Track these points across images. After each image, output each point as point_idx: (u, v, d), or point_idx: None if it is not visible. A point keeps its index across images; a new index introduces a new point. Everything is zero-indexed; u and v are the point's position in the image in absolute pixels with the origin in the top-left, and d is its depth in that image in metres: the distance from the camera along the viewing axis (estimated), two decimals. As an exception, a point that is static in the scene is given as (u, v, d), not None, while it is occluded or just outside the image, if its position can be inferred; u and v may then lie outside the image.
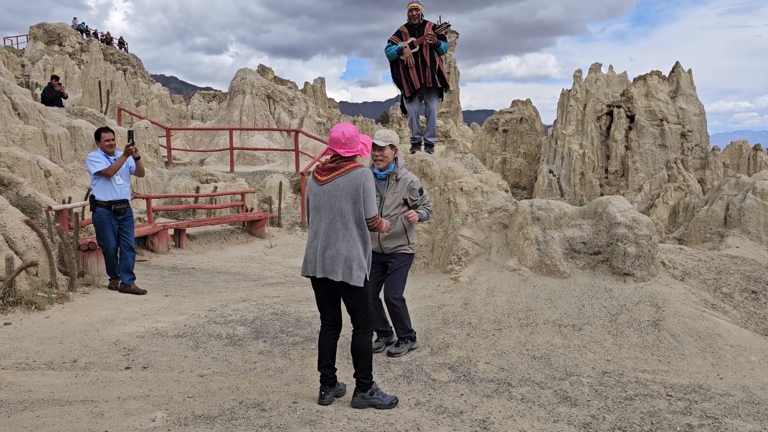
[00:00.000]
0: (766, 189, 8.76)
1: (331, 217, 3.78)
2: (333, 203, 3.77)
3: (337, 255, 3.75)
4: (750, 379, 4.54)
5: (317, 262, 3.81)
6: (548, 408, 4.00)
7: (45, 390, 3.99)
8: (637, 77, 29.06)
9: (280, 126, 24.86)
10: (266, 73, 35.49)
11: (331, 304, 3.98)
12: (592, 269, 5.95)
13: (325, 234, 3.80)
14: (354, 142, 3.82)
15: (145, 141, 15.72)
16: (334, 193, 3.77)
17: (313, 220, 3.89)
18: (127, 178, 7.03)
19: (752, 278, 6.13)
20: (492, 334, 5.30)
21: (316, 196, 3.85)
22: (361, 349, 3.89)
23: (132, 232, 7.16)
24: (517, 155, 31.78)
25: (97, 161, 6.79)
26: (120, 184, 6.90)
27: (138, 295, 6.92)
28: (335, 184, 3.78)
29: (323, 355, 3.98)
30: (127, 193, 7.00)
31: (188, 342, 5.24)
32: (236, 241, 12.28)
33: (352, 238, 3.77)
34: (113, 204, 6.86)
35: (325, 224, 3.81)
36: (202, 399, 3.92)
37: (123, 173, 6.98)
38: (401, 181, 4.86)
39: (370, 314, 3.93)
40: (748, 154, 27.80)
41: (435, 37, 7.06)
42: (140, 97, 34.27)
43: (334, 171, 3.81)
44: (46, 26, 41.53)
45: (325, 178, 3.83)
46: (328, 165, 3.86)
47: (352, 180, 3.75)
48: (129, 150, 6.85)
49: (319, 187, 3.84)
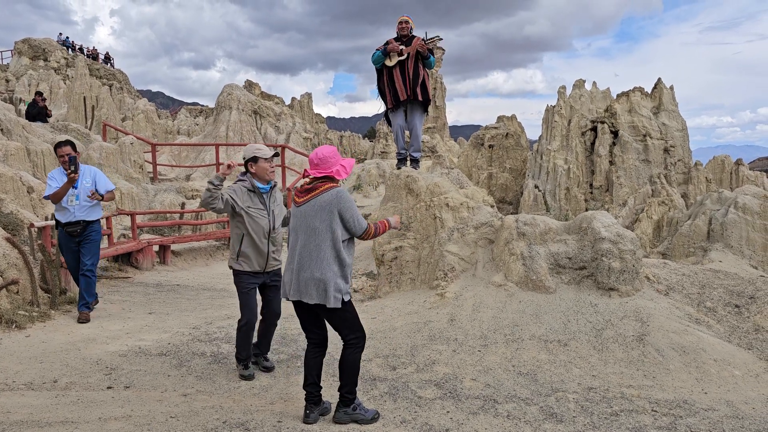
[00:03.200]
0: (748, 204, 8.88)
1: (305, 238, 3.79)
2: (308, 223, 3.78)
3: (311, 278, 3.73)
4: (734, 393, 4.57)
5: (292, 285, 3.81)
6: (534, 425, 3.99)
7: (24, 411, 3.91)
8: (620, 93, 29.42)
9: (267, 141, 24.86)
10: (253, 88, 35.54)
11: (315, 324, 3.97)
12: (578, 284, 5.97)
13: (300, 256, 3.80)
14: (327, 162, 3.84)
15: (130, 157, 15.63)
16: (309, 213, 3.79)
17: (291, 242, 3.91)
18: (88, 199, 6.46)
19: (735, 292, 6.18)
20: (478, 350, 5.29)
21: (294, 217, 3.90)
22: (349, 364, 3.86)
23: (91, 255, 6.55)
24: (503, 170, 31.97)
25: (51, 181, 6.38)
26: (74, 205, 6.37)
27: (122, 313, 6.84)
28: (311, 204, 3.80)
29: (309, 373, 3.95)
30: (84, 214, 6.44)
31: (172, 360, 5.18)
32: (222, 257, 12.20)
33: (325, 260, 3.73)
34: (66, 226, 6.42)
35: (300, 246, 3.81)
36: (185, 419, 3.86)
37: (83, 194, 6.44)
38: (278, 194, 4.97)
39: (358, 330, 3.89)
40: (730, 168, 28.17)
41: (425, 47, 7.11)
42: (126, 112, 34.14)
43: (311, 192, 3.83)
44: (31, 41, 41.37)
45: (302, 199, 3.86)
46: (305, 186, 3.89)
47: (326, 200, 3.76)
48: (71, 178, 6.26)
49: (297, 208, 3.88)
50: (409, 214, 7.13)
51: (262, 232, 4.71)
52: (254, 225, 4.68)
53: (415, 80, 7.21)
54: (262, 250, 4.73)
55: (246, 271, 4.74)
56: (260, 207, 4.73)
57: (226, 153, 22.40)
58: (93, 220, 6.54)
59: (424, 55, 7.16)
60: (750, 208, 8.86)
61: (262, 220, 4.71)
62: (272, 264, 4.85)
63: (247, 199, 4.70)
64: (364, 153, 35.84)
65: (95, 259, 6.63)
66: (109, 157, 14.47)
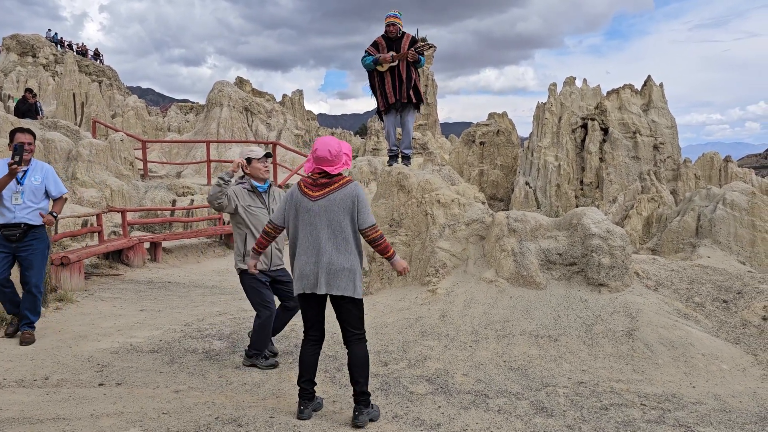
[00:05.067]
0: (736, 200, 8.97)
1: (330, 232, 3.79)
2: (331, 218, 3.79)
3: (341, 269, 3.77)
4: (721, 387, 4.62)
5: (320, 278, 3.78)
6: (525, 419, 4.03)
7: (15, 408, 3.90)
8: (610, 90, 29.59)
9: (258, 138, 24.79)
10: (244, 85, 35.43)
11: (319, 320, 3.97)
12: (568, 280, 6.02)
13: (326, 249, 3.79)
14: (339, 157, 3.86)
15: (120, 153, 15.55)
16: (331, 208, 3.79)
17: (306, 236, 3.85)
18: (34, 199, 5.48)
19: (723, 288, 6.25)
20: (469, 345, 5.33)
21: (309, 211, 3.82)
22: (365, 361, 3.87)
23: (35, 267, 5.52)
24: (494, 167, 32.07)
25: None
26: (17, 204, 5.37)
27: (114, 311, 6.82)
28: (331, 199, 3.80)
29: (307, 369, 3.94)
30: (28, 216, 5.41)
31: (163, 357, 5.18)
32: (213, 254, 12.19)
33: (352, 252, 3.82)
34: (3, 228, 5.37)
35: (324, 239, 3.80)
36: (177, 415, 3.87)
37: (29, 193, 5.46)
38: (275, 191, 5.13)
39: (364, 324, 3.94)
40: (719, 165, 28.38)
41: (416, 55, 7.12)
42: (116, 109, 33.95)
43: (328, 186, 3.83)
44: (19, 37, 41.03)
45: (318, 193, 3.82)
46: (320, 181, 3.85)
47: (347, 194, 3.81)
48: (12, 170, 5.23)
49: (312, 202, 3.82)
50: (400, 211, 7.15)
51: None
52: (256, 223, 4.86)
53: (408, 84, 7.21)
54: (266, 250, 4.86)
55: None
56: (260, 206, 4.94)
57: (217, 150, 22.33)
58: (38, 224, 5.51)
59: (414, 60, 7.18)
60: (738, 204, 8.95)
61: (263, 218, 4.87)
62: (276, 262, 5.01)
63: (248, 198, 4.91)
64: (356, 150, 35.89)
65: (42, 275, 5.67)
66: (99, 154, 14.39)
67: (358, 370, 3.85)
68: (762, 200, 9.06)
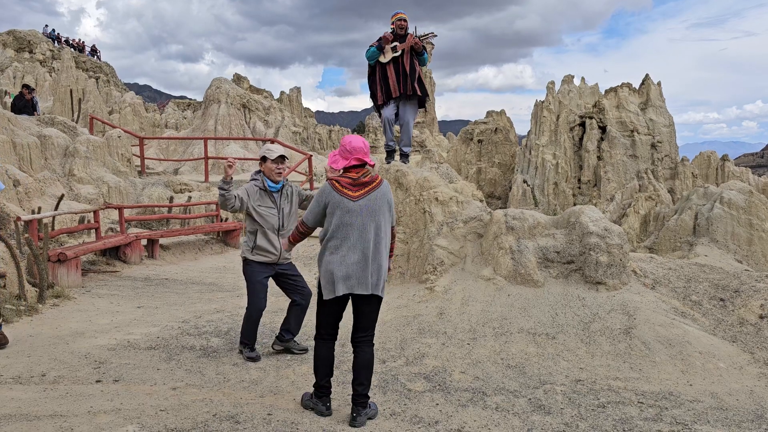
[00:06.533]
0: (733, 199, 8.98)
1: (374, 233, 3.77)
2: (375, 218, 3.77)
3: (381, 269, 3.79)
4: (718, 385, 4.63)
5: (369, 278, 3.73)
6: (522, 417, 4.03)
7: (12, 405, 3.89)
8: (608, 89, 29.63)
9: (256, 135, 24.75)
10: (242, 82, 35.34)
11: (338, 319, 3.95)
12: (566, 278, 6.02)
13: (368, 250, 3.74)
14: (368, 148, 3.91)
15: (118, 150, 15.51)
16: (373, 208, 3.77)
17: (349, 236, 3.74)
18: None
19: (720, 286, 6.26)
20: (467, 343, 5.33)
21: (351, 212, 3.74)
22: (372, 362, 3.87)
23: None
24: (492, 165, 32.07)
25: None
26: None
27: (111, 307, 6.81)
28: (371, 198, 3.78)
29: (329, 367, 3.93)
30: None
31: (161, 354, 5.17)
32: (210, 251, 12.17)
33: (386, 252, 3.86)
34: None
35: (371, 239, 3.75)
36: (174, 412, 3.87)
37: None
38: (290, 190, 5.11)
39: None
40: (716, 164, 28.44)
41: (420, 43, 7.10)
42: (113, 105, 33.86)
43: (367, 186, 3.80)
44: (16, 33, 40.88)
45: (358, 193, 3.76)
46: (360, 180, 3.79)
47: (384, 193, 3.83)
48: None
49: (354, 202, 3.74)
50: (398, 209, 7.15)
51: (273, 229, 4.94)
52: (264, 222, 4.91)
53: (412, 76, 7.18)
54: (276, 245, 4.95)
55: (259, 261, 4.96)
56: (270, 205, 4.96)
57: (214, 147, 22.28)
58: None
59: (418, 51, 7.14)
60: (735, 203, 8.97)
61: (272, 218, 4.92)
62: (285, 256, 5.06)
63: (258, 197, 4.94)
64: (354, 147, 35.78)
65: None
66: (97, 151, 14.35)
67: (364, 372, 3.82)
68: (759, 199, 9.08)
